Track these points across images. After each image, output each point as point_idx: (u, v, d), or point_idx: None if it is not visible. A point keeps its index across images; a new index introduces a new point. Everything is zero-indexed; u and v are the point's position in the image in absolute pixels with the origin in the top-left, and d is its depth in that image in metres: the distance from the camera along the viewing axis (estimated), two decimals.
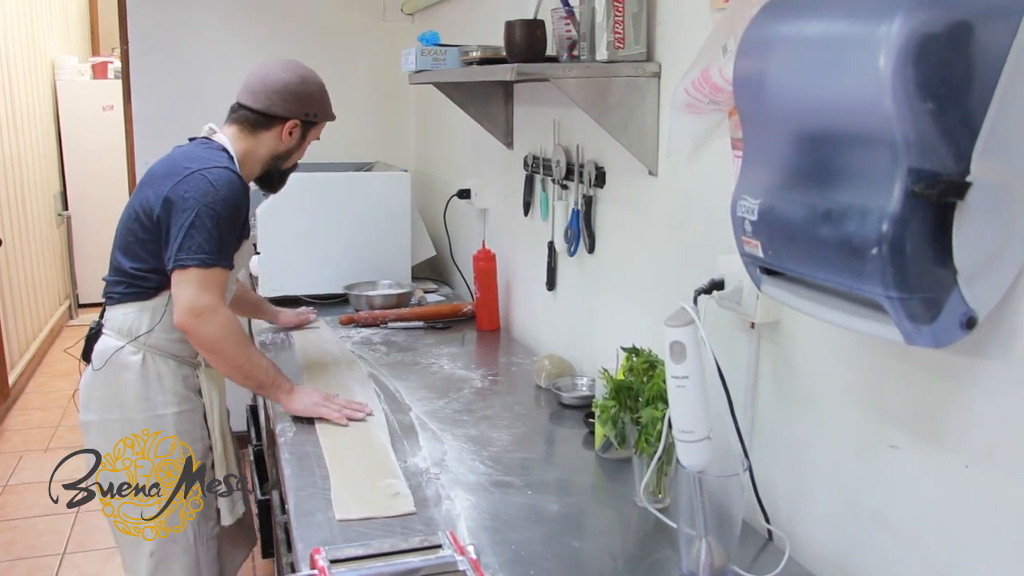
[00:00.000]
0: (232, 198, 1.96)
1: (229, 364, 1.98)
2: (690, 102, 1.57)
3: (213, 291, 1.93)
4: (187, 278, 1.91)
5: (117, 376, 2.03)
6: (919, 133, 0.92)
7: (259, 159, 2.15)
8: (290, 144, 2.16)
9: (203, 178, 1.94)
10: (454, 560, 1.28)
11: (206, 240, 1.91)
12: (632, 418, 1.58)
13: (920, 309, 0.96)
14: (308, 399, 1.99)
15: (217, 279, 1.94)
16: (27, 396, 5.10)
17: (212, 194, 1.93)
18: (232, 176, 1.98)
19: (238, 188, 1.99)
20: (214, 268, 1.93)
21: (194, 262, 1.90)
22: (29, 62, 5.99)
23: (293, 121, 2.13)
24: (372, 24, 4.03)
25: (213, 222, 1.92)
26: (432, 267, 3.60)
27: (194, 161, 1.99)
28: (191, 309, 1.90)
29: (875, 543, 1.30)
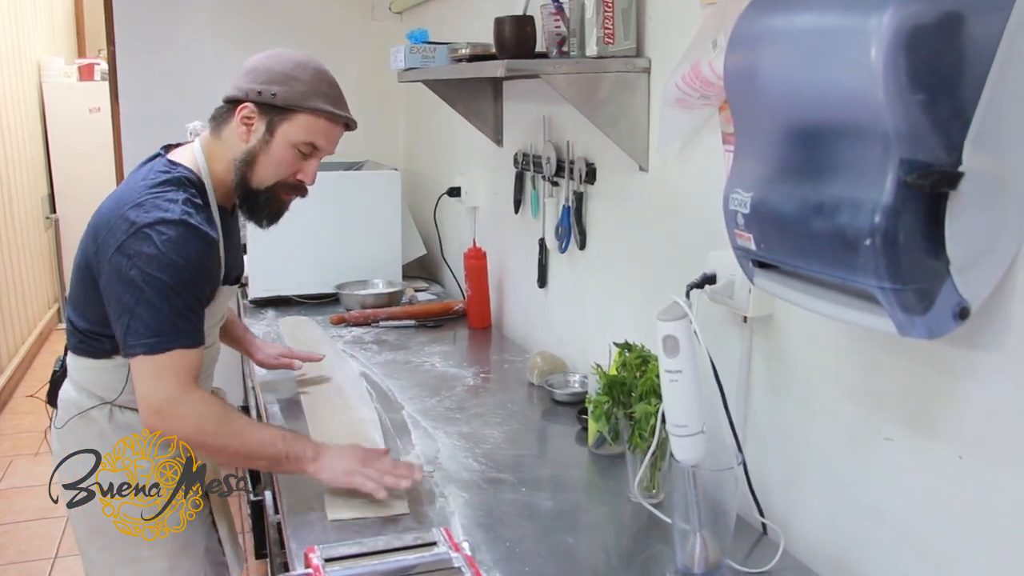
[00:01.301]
0: (184, 259, 1.56)
1: (219, 455, 1.69)
2: (680, 97, 1.57)
3: (169, 379, 1.57)
4: (138, 369, 1.57)
5: (86, 434, 1.78)
6: (911, 124, 0.92)
7: (224, 169, 1.70)
8: (251, 141, 1.67)
9: (147, 239, 1.54)
10: (449, 557, 1.28)
11: (155, 319, 1.55)
12: (625, 413, 1.58)
13: (913, 300, 0.96)
14: (340, 466, 1.59)
15: (173, 364, 1.57)
16: (16, 400, 5.07)
17: (159, 260, 1.54)
18: (184, 231, 1.57)
19: (194, 244, 1.58)
20: (167, 352, 1.56)
21: (141, 348, 1.55)
22: (14, 64, 5.95)
23: (244, 105, 1.66)
24: (361, 23, 4.02)
25: (161, 296, 1.55)
26: (423, 266, 3.59)
27: (140, 210, 1.57)
28: (150, 407, 1.58)
29: (870, 535, 1.30)
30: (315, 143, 1.70)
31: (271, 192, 1.73)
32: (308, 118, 1.67)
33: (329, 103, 1.69)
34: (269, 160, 1.69)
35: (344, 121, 1.75)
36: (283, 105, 1.65)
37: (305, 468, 1.60)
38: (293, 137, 1.67)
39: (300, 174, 1.73)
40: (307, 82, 1.67)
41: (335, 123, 1.72)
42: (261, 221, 1.78)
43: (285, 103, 1.65)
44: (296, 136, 1.67)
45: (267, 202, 1.74)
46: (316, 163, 1.74)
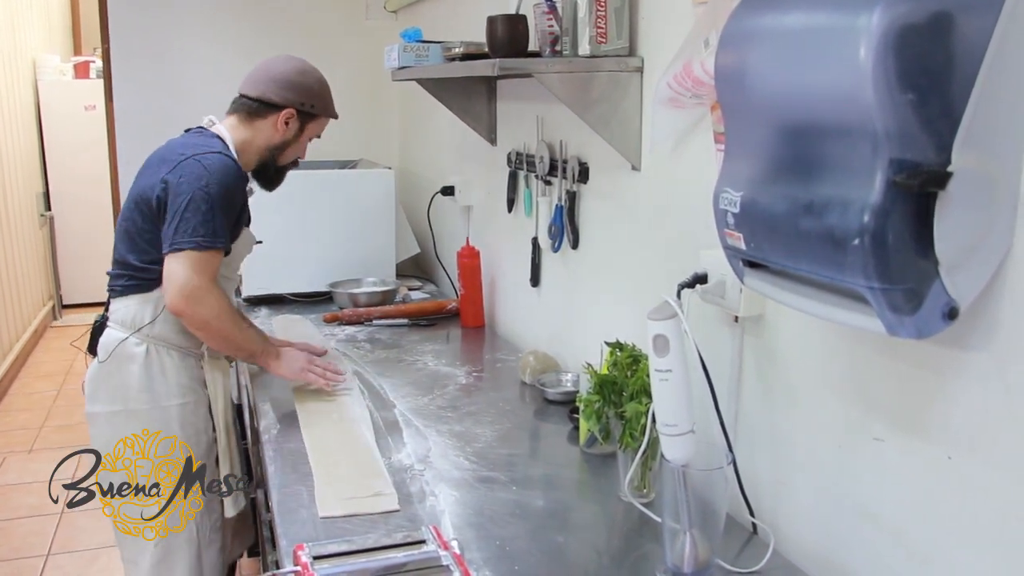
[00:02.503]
0: (226, 181, 1.96)
1: (222, 341, 2.03)
2: (672, 96, 1.57)
3: (205, 273, 1.93)
4: (180, 260, 1.91)
5: (121, 368, 2.03)
6: (900, 124, 0.92)
7: (256, 150, 2.14)
8: (286, 135, 2.14)
9: (196, 163, 1.94)
10: (438, 555, 1.28)
11: (201, 223, 1.91)
12: (616, 413, 1.58)
13: (902, 300, 0.96)
14: (296, 364, 2.08)
15: (211, 262, 1.95)
16: (10, 397, 5.06)
17: (206, 177, 1.93)
18: (226, 160, 1.99)
19: (233, 171, 2.00)
20: (208, 251, 1.93)
21: (190, 245, 1.91)
22: (10, 61, 5.94)
23: (289, 110, 2.11)
24: (355, 21, 4.01)
25: (207, 204, 1.92)
26: (416, 264, 3.59)
27: (188, 148, 1.99)
28: (182, 291, 1.90)
29: (859, 535, 1.30)
30: (320, 135, 2.24)
31: (285, 168, 2.24)
32: (323, 120, 2.21)
33: (333, 108, 2.23)
34: (294, 149, 2.20)
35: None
36: (316, 113, 2.17)
37: (268, 364, 2.09)
38: (314, 132, 2.21)
39: (302, 153, 2.25)
40: (326, 95, 2.20)
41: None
42: (272, 186, 2.26)
43: (319, 113, 2.18)
44: (315, 131, 2.21)
45: (279, 173, 2.23)
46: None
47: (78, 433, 4.44)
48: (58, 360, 5.70)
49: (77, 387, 5.16)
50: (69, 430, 4.53)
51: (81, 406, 4.93)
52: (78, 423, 4.61)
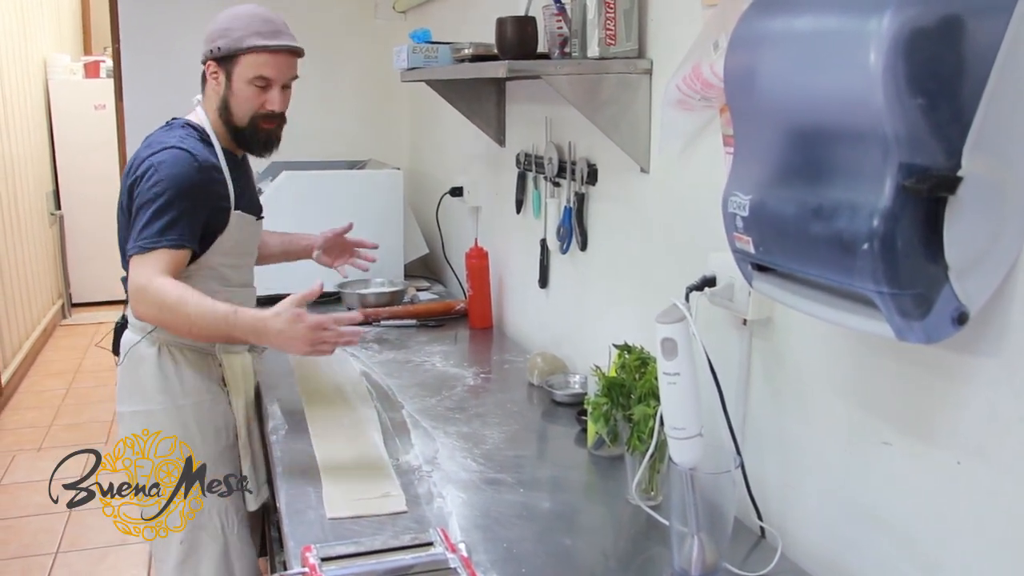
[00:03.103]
0: (177, 174, 1.86)
1: (181, 331, 1.87)
2: (681, 99, 1.57)
3: (146, 270, 1.82)
4: (131, 266, 1.86)
5: (137, 369, 2.02)
6: (910, 128, 0.91)
7: (217, 119, 2.01)
8: (220, 90, 1.98)
9: (148, 163, 1.88)
10: (445, 558, 1.28)
11: (145, 224, 1.84)
12: (624, 415, 1.57)
13: (911, 305, 0.96)
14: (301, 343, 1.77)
15: (155, 260, 1.83)
16: (20, 396, 5.08)
17: (154, 177, 1.86)
18: (177, 153, 1.89)
19: (184, 162, 1.88)
20: (153, 251, 1.83)
21: (134, 250, 1.84)
22: (21, 61, 5.97)
23: (208, 63, 1.99)
24: (364, 22, 4.02)
25: (156, 204, 1.84)
26: (425, 265, 3.59)
27: (146, 148, 1.94)
28: (130, 294, 1.85)
29: (867, 540, 1.30)
30: (263, 75, 1.95)
31: (252, 126, 2.00)
32: (249, 57, 1.94)
33: (263, 39, 1.94)
34: (237, 100, 1.98)
35: (285, 50, 1.97)
36: (228, 54, 1.94)
37: (261, 341, 1.83)
38: (245, 75, 1.95)
39: (268, 104, 1.98)
40: (241, 28, 1.94)
41: (276, 53, 1.96)
42: (257, 151, 2.06)
43: (228, 52, 1.94)
44: (247, 74, 1.95)
45: (253, 135, 2.02)
46: (278, 91, 1.99)
47: (87, 432, 4.47)
48: (67, 359, 5.72)
49: (86, 386, 5.19)
50: (78, 428, 4.55)
51: (90, 404, 4.99)
52: (87, 422, 4.63)
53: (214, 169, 1.95)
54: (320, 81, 3.95)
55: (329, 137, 4.00)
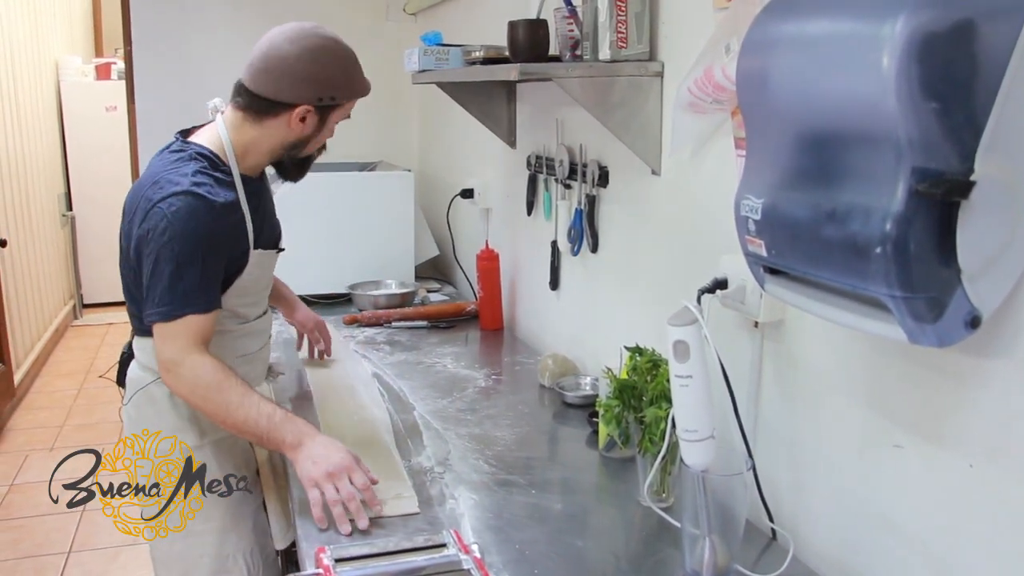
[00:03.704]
0: (193, 229, 1.68)
1: (213, 418, 1.75)
2: (693, 101, 1.57)
3: (177, 342, 1.70)
4: (155, 334, 1.72)
5: (147, 409, 1.89)
6: (923, 132, 0.92)
7: (267, 150, 1.85)
8: (303, 132, 1.83)
9: (159, 212, 1.67)
10: (458, 559, 1.28)
11: (166, 289, 1.68)
12: (636, 417, 1.58)
13: (924, 308, 0.96)
14: (315, 469, 1.59)
15: (184, 329, 1.70)
16: (32, 396, 5.11)
17: (168, 232, 1.66)
18: (191, 202, 1.68)
19: (200, 212, 1.69)
20: (178, 319, 1.69)
21: (156, 317, 1.70)
22: (33, 63, 6.00)
23: (304, 107, 1.79)
24: (375, 24, 4.03)
25: (172, 265, 1.67)
26: (435, 267, 3.60)
27: (155, 188, 1.71)
28: (160, 365, 1.73)
29: (878, 543, 1.30)
30: (350, 113, 1.91)
31: (308, 157, 1.94)
32: (352, 102, 1.89)
33: (362, 83, 1.89)
34: (319, 139, 1.89)
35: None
36: (338, 104, 1.84)
37: (285, 452, 1.68)
38: (340, 118, 1.89)
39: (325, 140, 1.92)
40: (345, 75, 1.85)
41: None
42: (294, 177, 1.97)
43: (341, 101, 1.85)
44: (341, 117, 1.89)
45: (305, 162, 1.94)
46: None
47: (98, 432, 4.49)
48: (79, 359, 5.75)
49: (97, 386, 5.21)
50: (90, 428, 4.57)
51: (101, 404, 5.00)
52: (98, 422, 4.65)
53: (232, 210, 1.78)
54: None
55: (340, 139, 3.97)
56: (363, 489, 1.56)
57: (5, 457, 4.23)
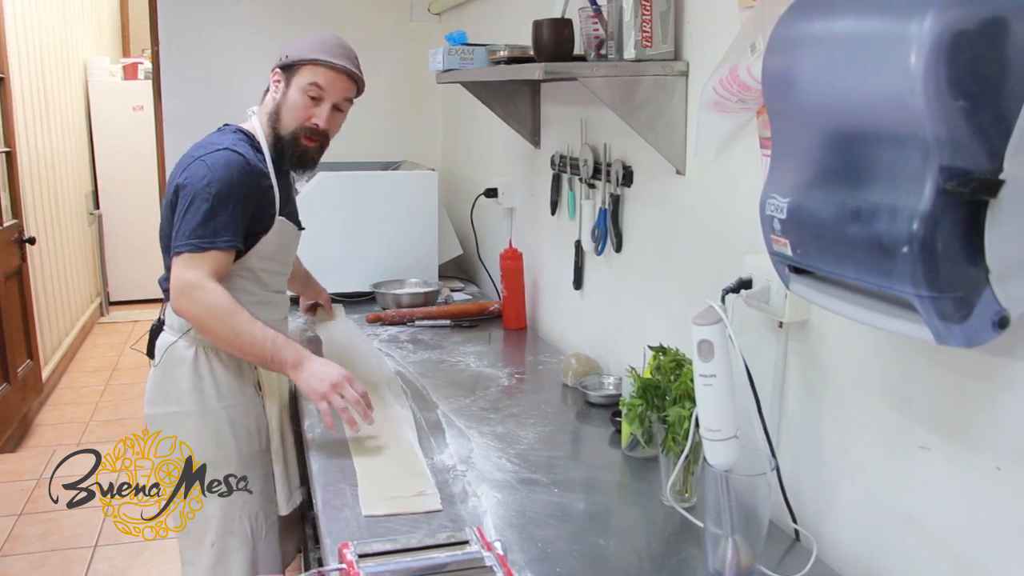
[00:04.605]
0: (229, 176, 1.90)
1: (220, 340, 1.90)
2: (718, 101, 1.57)
3: (199, 268, 1.87)
4: (179, 262, 1.88)
5: (173, 371, 2.03)
6: (951, 131, 0.91)
7: (267, 128, 2.06)
8: (278, 96, 2.04)
9: (201, 163, 1.91)
10: (481, 556, 1.29)
11: (200, 223, 1.87)
12: (659, 417, 1.58)
13: (951, 308, 0.95)
14: (320, 384, 1.84)
15: (208, 260, 1.88)
16: (59, 392, 5.16)
17: (208, 176, 1.89)
18: (230, 155, 1.92)
19: (237, 165, 1.92)
20: (208, 252, 1.88)
21: (187, 248, 1.87)
22: (63, 64, 6.06)
23: (273, 71, 2.06)
24: (399, 23, 4.05)
25: (208, 204, 1.87)
26: (459, 266, 3.61)
27: (199, 148, 1.97)
28: (177, 288, 1.87)
29: (904, 545, 1.29)
30: (318, 83, 2.00)
31: (293, 137, 2.03)
32: (310, 67, 2.01)
33: (327, 55, 2.01)
34: (288, 107, 2.02)
35: (344, 71, 2.02)
36: (293, 62, 2.01)
37: (287, 372, 1.90)
38: (301, 83, 2.01)
39: (314, 118, 2.02)
40: (312, 43, 2.02)
41: (335, 71, 2.02)
42: (293, 167, 2.09)
43: (294, 60, 2.01)
44: (302, 81, 2.01)
45: (292, 146, 2.04)
46: (327, 109, 2.03)
47: (124, 428, 4.53)
48: (105, 356, 5.81)
49: (123, 383, 5.26)
50: (116, 424, 4.61)
51: (126, 401, 5.05)
52: (123, 418, 4.69)
53: (263, 175, 2.00)
54: None
55: (364, 138, 4.03)
56: (362, 395, 1.85)
57: (34, 452, 4.28)
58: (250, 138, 2.03)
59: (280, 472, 2.07)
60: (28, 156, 5.07)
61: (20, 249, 4.69)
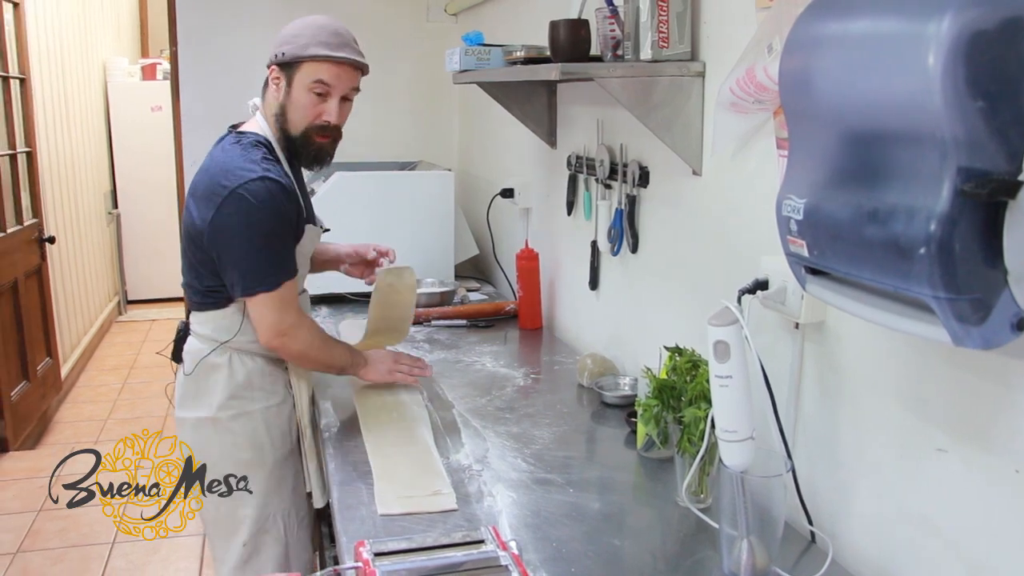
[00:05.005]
0: (275, 207, 1.87)
1: (316, 366, 2.06)
2: (735, 101, 1.56)
3: (289, 308, 1.94)
4: (261, 303, 1.91)
5: (207, 378, 2.02)
6: (969, 131, 0.91)
7: (273, 126, 2.00)
8: (279, 96, 1.97)
9: (242, 198, 1.84)
10: (496, 555, 1.29)
11: (265, 261, 1.89)
12: (675, 417, 1.58)
13: (969, 310, 0.95)
14: (383, 366, 2.14)
15: (288, 294, 1.93)
16: (78, 390, 5.21)
17: (255, 213, 1.85)
18: (269, 184, 1.86)
19: (278, 193, 1.88)
20: (281, 286, 1.91)
21: (263, 288, 1.89)
22: (82, 65, 6.11)
23: (271, 68, 1.98)
24: (416, 24, 4.06)
25: (265, 240, 1.88)
26: (475, 266, 3.61)
27: (229, 176, 1.87)
28: (276, 332, 1.93)
29: (920, 548, 1.29)
30: (323, 80, 1.93)
31: (306, 137, 1.98)
32: (311, 64, 1.93)
33: (328, 48, 1.93)
34: (294, 107, 1.96)
35: (348, 62, 1.95)
36: (292, 60, 1.94)
37: (359, 373, 2.12)
38: (304, 81, 1.94)
39: (324, 115, 1.96)
40: (308, 36, 1.94)
41: (338, 64, 1.94)
42: (307, 164, 2.05)
43: (292, 57, 1.93)
44: (306, 80, 1.94)
45: (304, 146, 1.99)
46: (336, 102, 1.97)
47: (142, 425, 4.57)
48: (123, 354, 5.85)
49: (141, 381, 5.30)
50: (133, 423, 4.64)
51: (143, 400, 5.07)
52: (140, 416, 4.73)
53: (294, 195, 1.96)
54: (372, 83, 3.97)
55: (381, 138, 4.04)
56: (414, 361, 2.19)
57: (53, 449, 4.32)
58: (269, 148, 1.97)
59: (314, 468, 2.08)
60: (48, 156, 5.11)
61: (40, 248, 4.73)
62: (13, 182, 4.50)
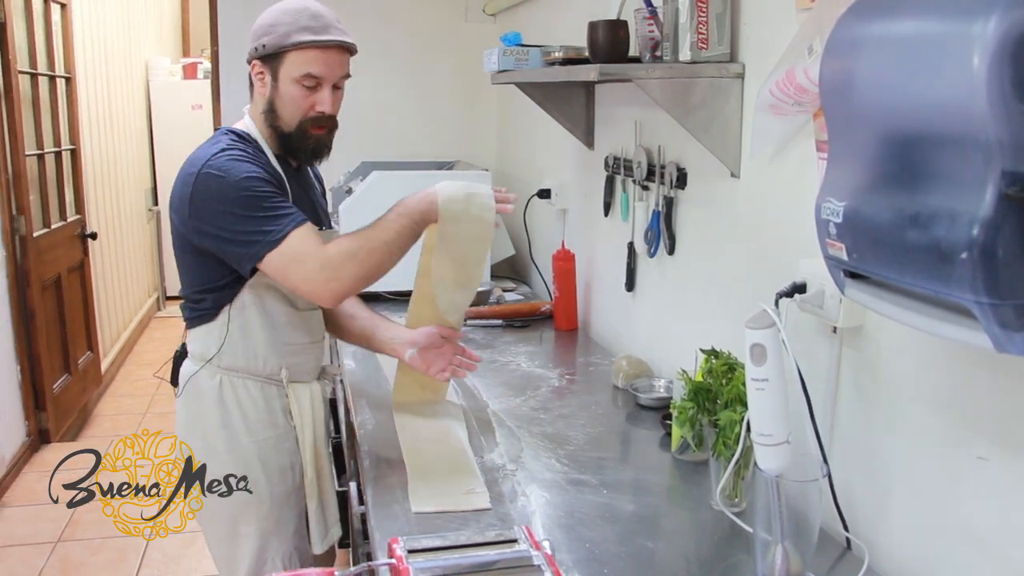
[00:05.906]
0: (246, 171, 1.72)
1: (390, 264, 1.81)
2: (774, 103, 1.55)
3: (308, 255, 1.71)
4: (278, 264, 1.71)
5: (197, 403, 1.92)
6: (1014, 134, 0.89)
7: (264, 124, 1.85)
8: (266, 92, 1.81)
9: (208, 173, 1.72)
10: (529, 555, 1.29)
11: (256, 224, 1.70)
12: (710, 420, 1.57)
13: (1012, 316, 0.94)
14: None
15: (298, 243, 1.70)
16: (117, 383, 5.28)
17: (225, 180, 1.71)
18: (230, 152, 1.75)
19: (241, 160, 1.74)
20: (285, 239, 1.69)
21: (264, 248, 1.69)
22: (125, 64, 6.20)
23: (252, 63, 1.81)
24: (455, 24, 4.07)
25: (244, 202, 1.70)
26: (511, 266, 3.62)
27: (193, 164, 1.77)
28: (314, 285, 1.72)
29: (959, 557, 1.27)
30: (311, 72, 1.77)
31: (301, 131, 1.82)
32: (296, 54, 1.76)
33: (311, 34, 1.75)
34: (283, 102, 1.80)
35: (336, 45, 1.79)
36: (274, 51, 1.76)
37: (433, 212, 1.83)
38: (292, 74, 1.77)
39: (317, 106, 1.80)
40: (288, 23, 1.76)
41: (325, 49, 1.78)
42: (305, 159, 1.91)
43: (275, 49, 1.76)
44: (293, 72, 1.77)
45: (301, 141, 1.84)
46: (328, 91, 1.81)
47: None
48: (161, 349, 5.92)
49: None
50: (170, 416, 4.64)
51: None
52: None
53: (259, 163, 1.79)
54: (410, 83, 4.02)
55: (418, 138, 4.06)
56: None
57: (93, 441, 4.39)
58: (241, 137, 1.83)
59: (315, 508, 1.95)
60: (91, 154, 5.19)
61: (82, 244, 4.81)
62: (57, 179, 4.58)
